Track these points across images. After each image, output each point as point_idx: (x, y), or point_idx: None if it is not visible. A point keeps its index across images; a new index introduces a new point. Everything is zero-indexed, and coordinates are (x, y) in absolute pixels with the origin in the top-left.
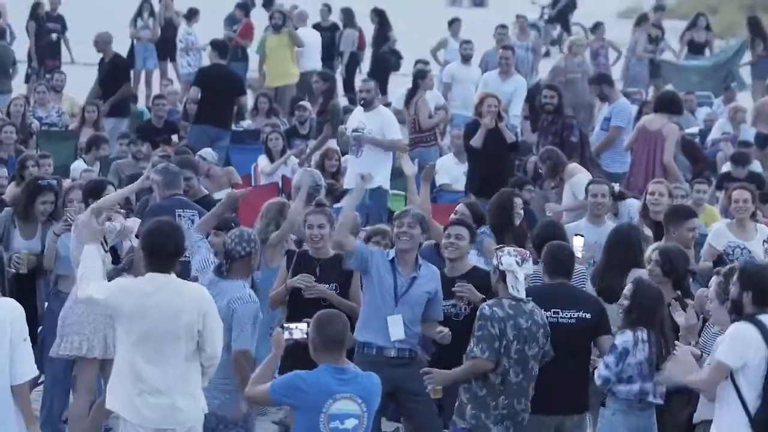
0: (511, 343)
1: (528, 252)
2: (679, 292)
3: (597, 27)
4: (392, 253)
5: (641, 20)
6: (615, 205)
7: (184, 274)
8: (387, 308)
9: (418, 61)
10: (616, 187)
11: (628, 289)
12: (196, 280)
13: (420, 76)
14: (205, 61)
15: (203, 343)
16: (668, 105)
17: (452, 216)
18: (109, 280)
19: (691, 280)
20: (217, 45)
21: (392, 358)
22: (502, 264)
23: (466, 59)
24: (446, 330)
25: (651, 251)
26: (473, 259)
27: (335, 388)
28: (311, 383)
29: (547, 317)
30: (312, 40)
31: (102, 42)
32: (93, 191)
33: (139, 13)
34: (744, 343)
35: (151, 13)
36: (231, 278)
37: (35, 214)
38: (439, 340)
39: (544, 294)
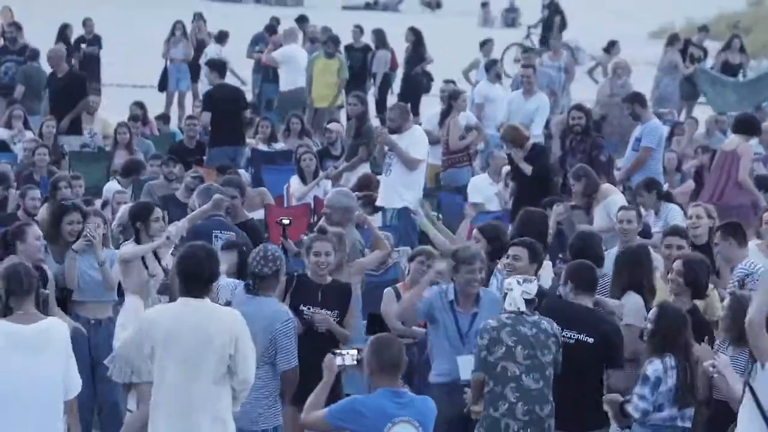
0: (514, 348)
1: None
2: (695, 302)
3: (612, 46)
4: (450, 293)
5: (673, 40)
6: (657, 204)
7: None
8: (456, 350)
9: (446, 81)
10: (666, 186)
11: (652, 313)
12: (228, 304)
13: (453, 97)
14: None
15: (235, 367)
16: (746, 126)
17: (471, 242)
18: None
19: None
20: (214, 65)
21: (467, 385)
22: (503, 285)
23: (498, 77)
24: None
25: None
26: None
27: (394, 412)
28: (370, 407)
29: None
30: (301, 57)
31: (55, 57)
32: (140, 214)
33: (172, 34)
34: None
35: (184, 34)
36: (262, 295)
37: (63, 236)
38: None
39: (549, 309)
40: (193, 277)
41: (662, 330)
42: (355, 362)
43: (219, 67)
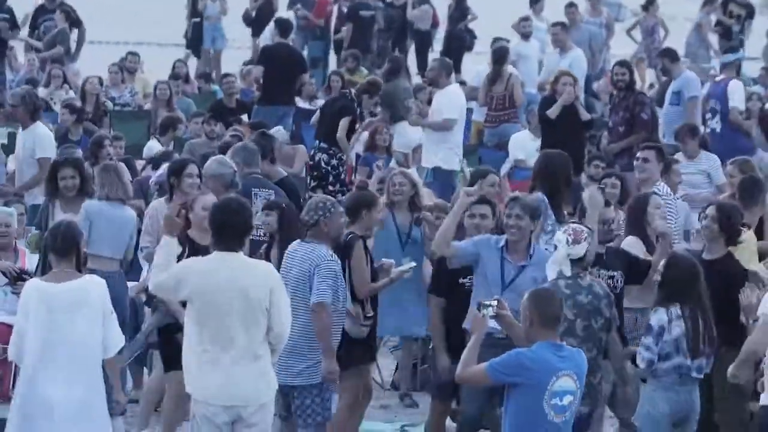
0: (573, 322)
1: (585, 233)
2: (730, 249)
3: (651, 3)
4: (502, 240)
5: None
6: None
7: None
8: (491, 296)
9: (496, 39)
10: None
11: (662, 264)
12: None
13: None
14: None
15: (271, 321)
16: None
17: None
18: None
19: None
20: (280, 23)
21: (500, 339)
22: (554, 238)
23: (525, 36)
24: None
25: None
26: None
27: (557, 365)
28: (536, 360)
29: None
30: None
31: None
32: (176, 170)
33: None
34: None
35: None
36: (311, 242)
37: (62, 192)
38: None
39: None
40: (227, 229)
41: (671, 282)
42: (495, 314)
43: (283, 26)
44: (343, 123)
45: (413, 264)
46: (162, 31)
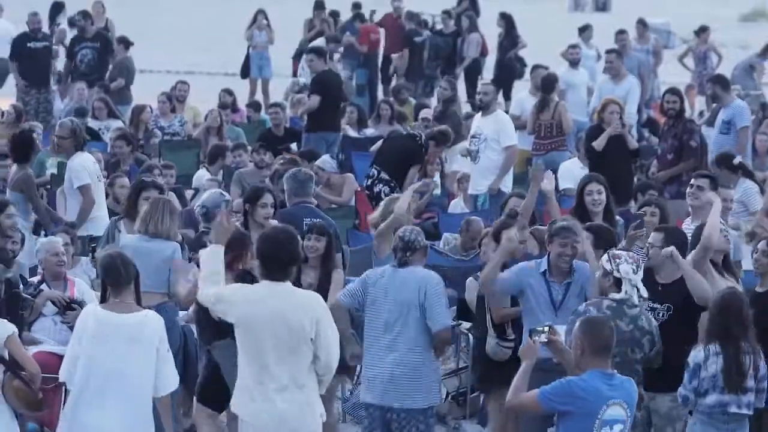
0: None
1: (641, 257)
2: None
3: (703, 31)
4: (543, 264)
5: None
6: (732, 177)
7: None
8: (547, 320)
9: (536, 66)
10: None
11: (714, 302)
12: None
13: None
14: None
15: (317, 351)
16: None
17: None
18: None
19: None
20: (318, 51)
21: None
22: (618, 271)
23: (573, 64)
24: None
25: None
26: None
27: (608, 394)
28: (587, 389)
29: None
30: (5, 30)
31: None
32: (250, 198)
33: (254, 21)
34: None
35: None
36: (412, 266)
37: (139, 211)
38: None
39: None
40: (273, 259)
41: (716, 320)
42: (546, 341)
43: (322, 53)
44: (412, 172)
45: None
46: (211, 59)
